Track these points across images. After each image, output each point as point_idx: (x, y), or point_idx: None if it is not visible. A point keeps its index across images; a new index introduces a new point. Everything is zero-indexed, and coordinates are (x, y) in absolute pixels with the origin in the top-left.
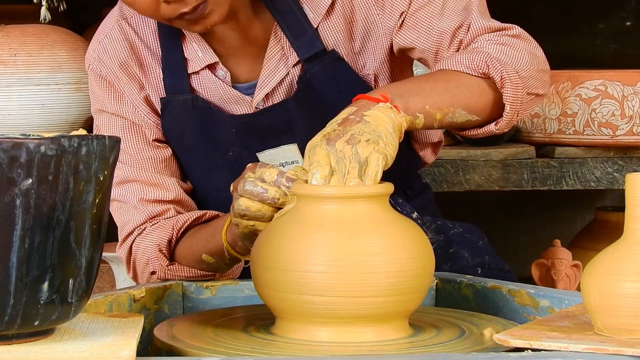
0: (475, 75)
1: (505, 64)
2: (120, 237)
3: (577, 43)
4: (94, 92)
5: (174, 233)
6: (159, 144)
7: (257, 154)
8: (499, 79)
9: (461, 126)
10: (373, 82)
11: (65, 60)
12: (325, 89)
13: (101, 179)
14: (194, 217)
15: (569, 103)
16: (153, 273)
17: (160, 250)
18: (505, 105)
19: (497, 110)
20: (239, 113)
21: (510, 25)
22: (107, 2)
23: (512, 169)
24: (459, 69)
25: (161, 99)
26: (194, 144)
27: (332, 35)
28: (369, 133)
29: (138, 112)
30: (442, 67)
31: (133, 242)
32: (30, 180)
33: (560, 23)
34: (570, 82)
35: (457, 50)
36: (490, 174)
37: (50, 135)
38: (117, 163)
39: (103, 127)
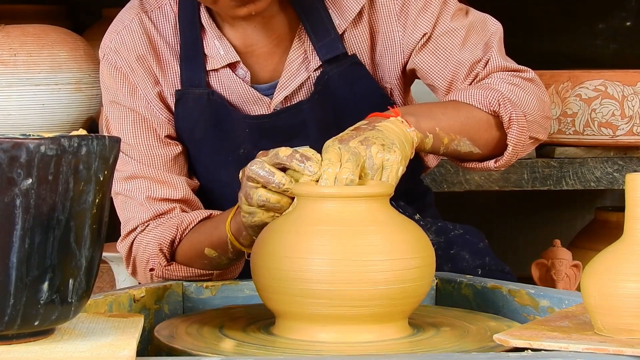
0: (485, 111)
1: (515, 105)
2: (123, 232)
3: (577, 43)
4: (107, 83)
5: (178, 234)
6: (170, 141)
7: None
8: (507, 119)
9: (463, 157)
10: (390, 95)
11: (65, 60)
12: (342, 93)
13: (101, 179)
14: (200, 218)
15: (569, 103)
16: (152, 270)
17: (161, 250)
18: (508, 145)
19: (498, 148)
20: (256, 113)
21: (525, 68)
22: (107, 2)
23: (512, 169)
24: (470, 102)
25: (177, 91)
26: (205, 138)
27: (357, 44)
28: (383, 139)
29: (150, 106)
30: (454, 98)
31: (135, 238)
32: (30, 180)
33: (560, 23)
34: (570, 82)
35: (471, 84)
36: (490, 174)
37: (50, 135)
38: (126, 157)
39: (114, 119)
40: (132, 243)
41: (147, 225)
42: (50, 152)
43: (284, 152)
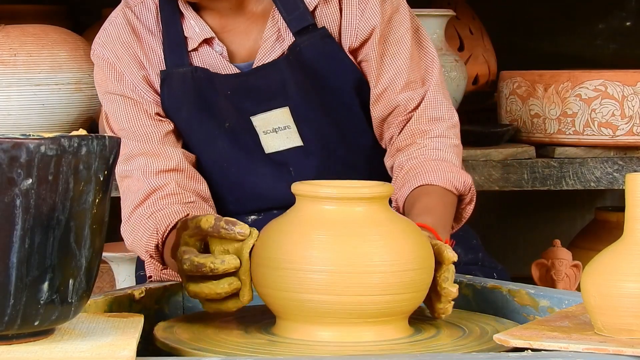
0: (454, 193)
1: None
2: (123, 215)
3: (577, 43)
4: (98, 76)
5: (159, 238)
6: (162, 118)
7: (251, 117)
8: (468, 200)
9: None
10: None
11: (65, 60)
12: (315, 62)
13: (101, 179)
14: (176, 220)
15: (569, 103)
16: (150, 278)
17: (152, 257)
18: (462, 219)
19: None
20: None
21: (451, 113)
22: (107, 2)
23: (512, 169)
24: (446, 187)
25: (161, 71)
26: (192, 117)
27: (327, 21)
28: None
29: (138, 90)
30: (430, 181)
31: (133, 222)
32: (30, 180)
33: (560, 23)
34: (570, 82)
35: (409, 120)
36: (490, 174)
37: (50, 135)
38: (123, 140)
39: (109, 108)
40: (130, 229)
41: (141, 208)
42: (50, 152)
43: (207, 223)
